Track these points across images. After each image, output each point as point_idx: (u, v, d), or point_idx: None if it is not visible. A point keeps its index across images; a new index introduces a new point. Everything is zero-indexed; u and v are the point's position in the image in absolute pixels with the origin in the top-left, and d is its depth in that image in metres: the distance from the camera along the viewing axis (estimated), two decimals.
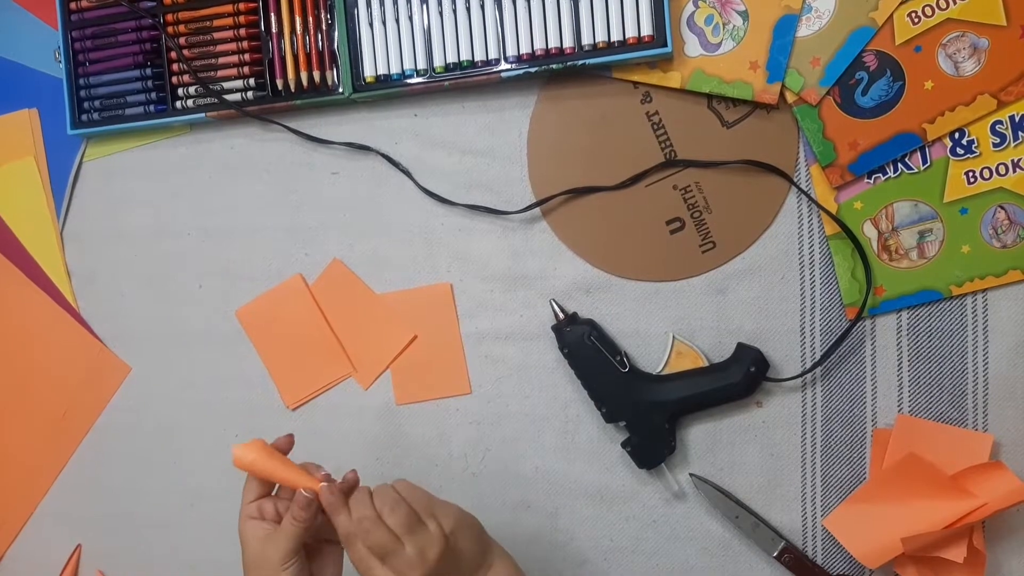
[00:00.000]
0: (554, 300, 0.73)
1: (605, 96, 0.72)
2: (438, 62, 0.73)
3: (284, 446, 0.63)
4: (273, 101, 0.76)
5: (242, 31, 0.77)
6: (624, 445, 0.72)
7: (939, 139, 0.67)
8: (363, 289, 0.79)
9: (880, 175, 0.68)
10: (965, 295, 0.68)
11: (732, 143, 0.70)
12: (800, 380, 0.71)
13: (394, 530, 0.56)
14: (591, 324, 0.72)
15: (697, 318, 0.72)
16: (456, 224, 0.76)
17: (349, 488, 0.60)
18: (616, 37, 0.69)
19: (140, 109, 0.80)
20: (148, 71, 0.79)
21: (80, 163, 0.84)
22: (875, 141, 0.67)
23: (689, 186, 0.72)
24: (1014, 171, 0.66)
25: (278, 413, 0.81)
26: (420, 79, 0.73)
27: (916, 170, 0.68)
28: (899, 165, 0.68)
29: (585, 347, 0.71)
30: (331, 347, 0.79)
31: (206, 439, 0.83)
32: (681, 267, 0.72)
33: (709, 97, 0.70)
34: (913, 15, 0.66)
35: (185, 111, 0.79)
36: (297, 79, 0.76)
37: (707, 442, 0.72)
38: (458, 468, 0.77)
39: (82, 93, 0.81)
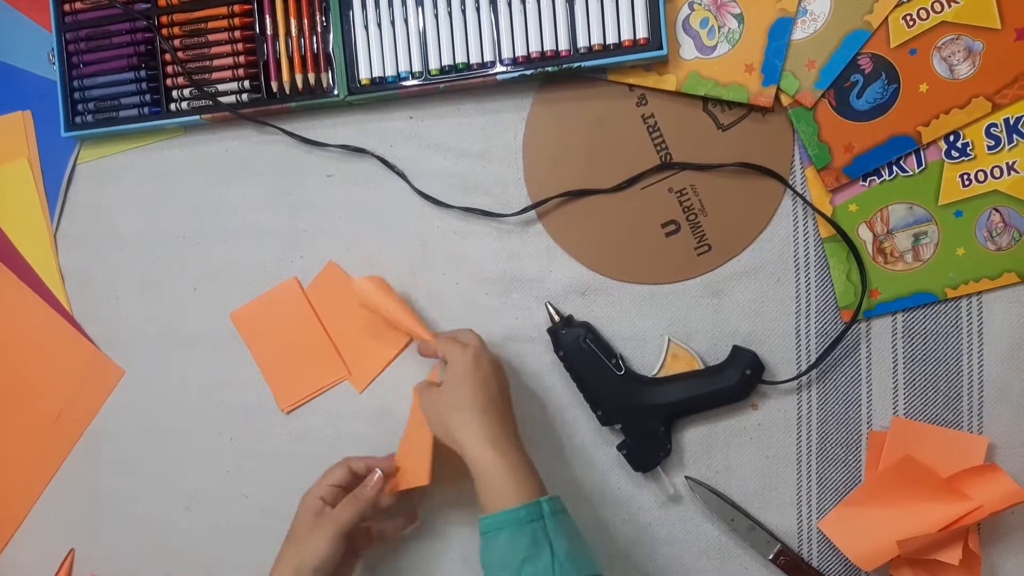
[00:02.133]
0: (549, 303, 0.73)
1: (600, 99, 0.72)
2: (433, 64, 0.73)
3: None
4: (268, 103, 0.76)
5: (237, 33, 0.76)
6: (620, 448, 0.72)
7: (934, 142, 0.67)
8: None
9: (875, 178, 0.68)
10: (960, 298, 0.68)
11: (727, 146, 0.70)
12: (796, 383, 0.71)
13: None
14: (587, 327, 0.72)
15: (693, 321, 0.72)
16: (452, 227, 0.76)
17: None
18: (612, 40, 0.69)
19: (134, 111, 0.79)
20: (142, 73, 0.79)
21: (74, 165, 0.84)
22: (870, 144, 0.67)
23: (685, 189, 0.72)
24: (1009, 174, 0.66)
25: (272, 416, 0.80)
26: (416, 81, 0.73)
27: (911, 173, 0.68)
28: (894, 168, 0.68)
29: (581, 350, 0.71)
30: (326, 350, 0.79)
31: (200, 443, 0.82)
32: (677, 270, 0.72)
33: (704, 100, 0.71)
34: (908, 18, 0.66)
35: (179, 113, 0.78)
36: (292, 81, 0.76)
37: (703, 445, 0.72)
38: None
39: (76, 95, 0.81)
